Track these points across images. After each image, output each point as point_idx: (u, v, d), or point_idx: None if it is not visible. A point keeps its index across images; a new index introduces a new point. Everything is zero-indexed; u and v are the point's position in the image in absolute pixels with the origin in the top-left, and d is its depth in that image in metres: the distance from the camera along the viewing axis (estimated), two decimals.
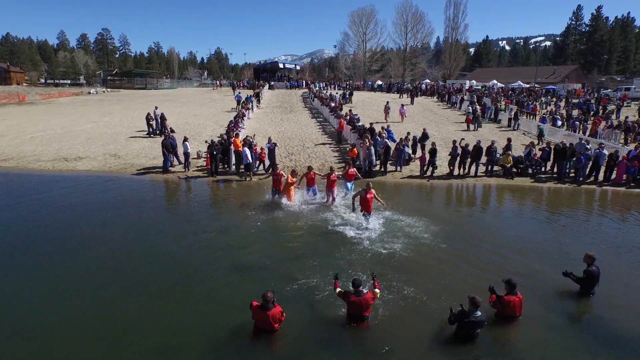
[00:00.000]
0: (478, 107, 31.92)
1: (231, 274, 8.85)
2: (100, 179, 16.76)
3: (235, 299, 7.70)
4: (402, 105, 32.16)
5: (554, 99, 39.84)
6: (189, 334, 6.81)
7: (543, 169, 18.37)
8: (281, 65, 67.81)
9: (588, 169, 17.52)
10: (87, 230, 11.21)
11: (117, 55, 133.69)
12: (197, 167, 18.89)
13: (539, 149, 18.44)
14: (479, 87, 52.91)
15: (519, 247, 10.46)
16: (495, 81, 59.00)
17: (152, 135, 24.66)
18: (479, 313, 6.39)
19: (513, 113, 28.10)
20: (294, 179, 13.60)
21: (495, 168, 18.09)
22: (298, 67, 77.62)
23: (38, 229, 11.29)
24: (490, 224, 12.60)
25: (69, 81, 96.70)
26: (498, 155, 18.20)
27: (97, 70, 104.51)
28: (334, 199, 13.58)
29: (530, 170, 18.03)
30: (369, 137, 18.59)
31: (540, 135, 23.89)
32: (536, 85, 56.61)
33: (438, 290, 8.05)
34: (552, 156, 18.03)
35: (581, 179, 17.31)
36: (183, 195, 15.59)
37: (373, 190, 11.32)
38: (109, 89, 64.10)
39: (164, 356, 6.36)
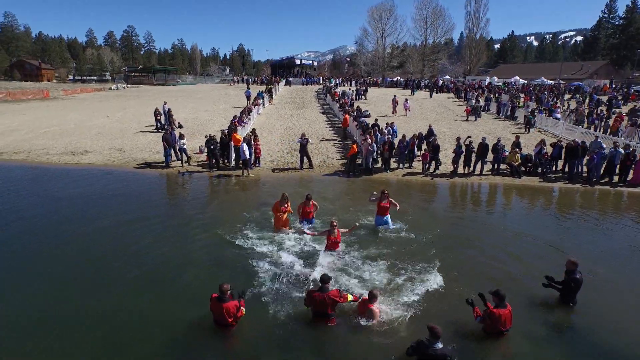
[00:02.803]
0: (480, 100, 32.32)
1: (209, 269, 8.69)
2: (100, 173, 16.97)
3: (206, 294, 7.53)
4: (406, 99, 31.79)
5: (578, 96, 38.07)
6: (149, 328, 6.73)
7: (554, 168, 17.45)
8: (298, 62, 67.69)
9: (602, 169, 16.55)
10: (69, 222, 11.32)
11: (141, 52, 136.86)
12: (198, 161, 18.91)
13: (551, 145, 17.48)
14: (500, 84, 51.24)
15: (516, 251, 9.87)
16: (517, 77, 57.05)
17: (160, 130, 24.88)
18: (439, 345, 5.57)
19: (530, 110, 26.93)
20: (286, 207, 10.68)
21: (503, 166, 17.31)
22: (315, 63, 77.34)
23: (16, 220, 11.49)
24: (488, 226, 11.95)
25: (95, 77, 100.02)
26: (506, 153, 17.43)
27: (122, 66, 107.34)
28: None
29: (539, 169, 17.16)
30: (372, 133, 18.14)
31: (528, 124, 24.47)
32: (561, 81, 54.40)
33: (422, 299, 7.54)
34: (563, 155, 17.06)
35: (594, 179, 16.34)
36: (176, 190, 15.57)
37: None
38: (129, 85, 65.56)
39: (113, 349, 6.26)
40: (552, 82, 54.55)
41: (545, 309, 7.37)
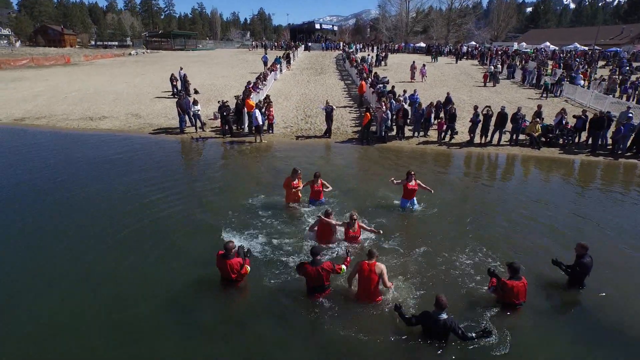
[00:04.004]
0: (499, 65, 32.06)
1: (214, 233, 8.80)
2: (117, 138, 17.30)
3: (208, 256, 7.72)
4: (424, 65, 30.87)
5: (611, 63, 35.83)
6: (152, 286, 7.03)
7: (576, 140, 16.71)
8: (318, 26, 65.84)
9: (630, 141, 15.71)
10: (82, 184, 11.72)
11: (161, 17, 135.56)
12: (212, 127, 18.98)
13: (574, 117, 16.69)
14: (528, 50, 48.68)
15: (533, 225, 9.56)
16: (547, 43, 53.90)
17: (176, 96, 24.91)
18: (444, 315, 5.57)
19: (557, 77, 25.58)
20: (298, 183, 10.14)
21: (522, 137, 16.69)
22: (335, 28, 75.11)
23: (29, 182, 11.96)
24: (504, 198, 11.56)
25: (116, 43, 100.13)
26: (527, 123, 16.76)
27: (142, 31, 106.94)
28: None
29: (561, 141, 16.46)
30: (386, 101, 17.68)
31: (546, 89, 24.54)
32: (596, 47, 51.17)
33: (434, 272, 7.50)
34: (587, 126, 16.24)
35: (619, 151, 15.59)
36: (188, 155, 15.74)
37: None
38: (148, 50, 65.48)
39: (118, 305, 6.56)
40: (586, 48, 51.35)
41: (557, 286, 7.20)
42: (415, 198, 10.17)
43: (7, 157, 14.36)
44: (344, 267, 6.85)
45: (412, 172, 9.94)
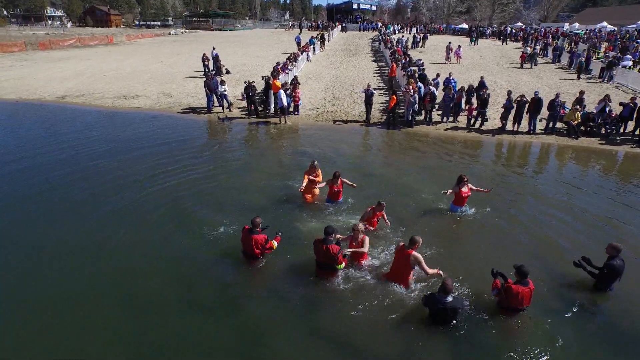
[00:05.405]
0: (537, 47, 30.76)
1: (228, 212, 8.95)
2: (146, 116, 17.85)
3: (221, 234, 8.04)
4: (459, 47, 29.75)
5: None
6: (163, 260, 7.29)
7: (622, 130, 15.46)
8: (355, 6, 64.17)
9: None
10: (102, 160, 12.18)
11: None
12: (240, 107, 19.16)
13: (621, 104, 15.39)
14: (579, 31, 45.19)
15: (559, 221, 8.96)
16: (604, 23, 49.66)
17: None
18: (449, 299, 5.65)
19: (607, 60, 23.60)
20: (317, 177, 9.47)
21: (559, 125, 15.64)
22: (374, 8, 72.96)
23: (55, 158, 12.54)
24: (531, 190, 10.87)
25: (158, 23, 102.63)
26: (566, 110, 15.68)
27: (184, 11, 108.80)
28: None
29: (603, 130, 15.28)
30: (414, 83, 17.04)
31: (580, 70, 23.64)
32: None
33: (447, 263, 7.22)
34: (635, 115, 14.92)
35: None
36: (212, 134, 15.93)
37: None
38: (187, 30, 66.62)
39: (126, 277, 6.84)
40: None
41: (582, 288, 6.74)
42: (466, 205, 9.17)
43: (50, 135, 15.21)
44: (342, 264, 6.70)
45: (465, 178, 8.85)
